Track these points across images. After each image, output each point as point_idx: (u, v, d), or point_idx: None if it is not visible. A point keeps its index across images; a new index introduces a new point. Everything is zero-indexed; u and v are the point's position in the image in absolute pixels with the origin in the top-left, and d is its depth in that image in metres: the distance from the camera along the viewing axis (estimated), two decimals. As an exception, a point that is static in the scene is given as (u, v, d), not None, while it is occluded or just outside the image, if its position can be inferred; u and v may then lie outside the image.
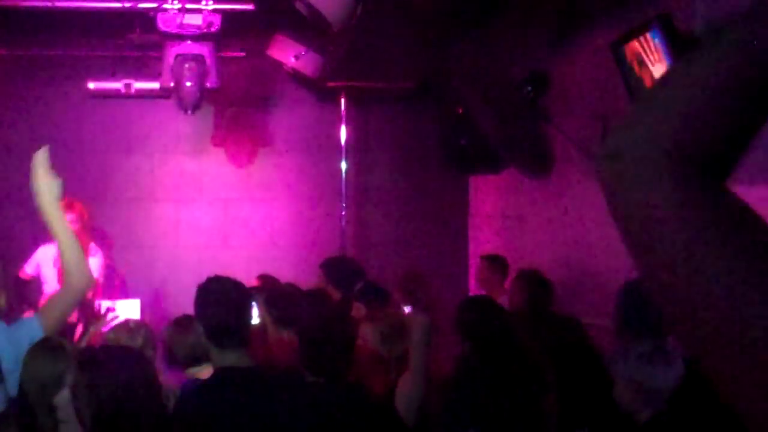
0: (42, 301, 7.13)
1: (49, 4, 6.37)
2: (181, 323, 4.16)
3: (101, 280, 7.38)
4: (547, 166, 7.10)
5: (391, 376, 3.82)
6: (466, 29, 6.87)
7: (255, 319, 4.18)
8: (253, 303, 4.10)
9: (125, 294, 7.86)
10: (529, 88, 6.61)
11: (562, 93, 6.65)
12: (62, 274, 6.75)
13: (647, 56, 5.01)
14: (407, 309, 4.41)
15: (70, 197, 7.20)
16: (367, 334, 3.97)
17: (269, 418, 3.09)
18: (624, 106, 5.52)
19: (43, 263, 7.26)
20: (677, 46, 4.74)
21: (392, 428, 3.51)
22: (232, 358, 3.16)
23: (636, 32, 5.08)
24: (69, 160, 8.29)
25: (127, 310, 7.26)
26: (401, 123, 8.79)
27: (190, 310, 4.79)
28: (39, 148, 3.37)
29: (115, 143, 8.41)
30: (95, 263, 7.31)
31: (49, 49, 7.95)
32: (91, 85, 7.93)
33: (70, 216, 7.02)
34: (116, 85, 7.91)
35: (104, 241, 7.67)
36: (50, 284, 7.18)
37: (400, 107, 8.71)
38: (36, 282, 7.33)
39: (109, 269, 7.66)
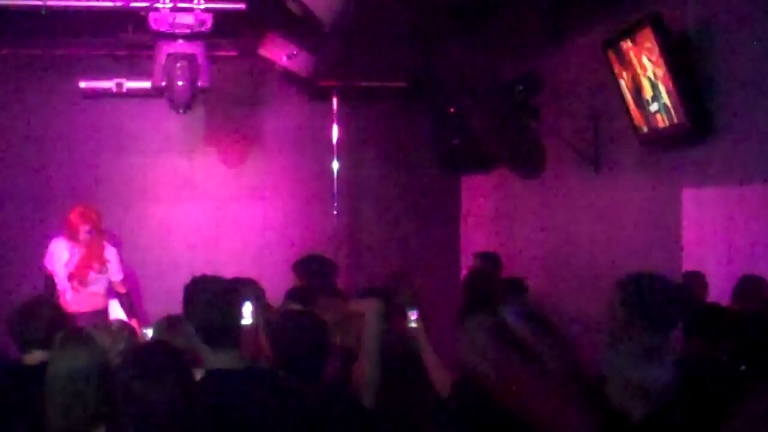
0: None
1: (41, 3, 6.35)
2: (171, 323, 4.13)
3: (122, 273, 7.38)
4: (539, 165, 7.12)
5: (337, 365, 3.83)
6: (457, 29, 6.88)
7: (248, 320, 4.16)
8: (247, 302, 4.09)
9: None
10: (521, 87, 6.62)
11: (554, 93, 6.67)
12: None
13: (638, 56, 5.03)
14: (413, 314, 4.36)
15: (83, 206, 7.22)
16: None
17: (259, 422, 3.09)
18: (616, 106, 5.54)
19: (56, 260, 7.22)
20: (669, 46, 4.76)
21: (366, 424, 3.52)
22: (224, 359, 3.17)
23: (627, 32, 5.10)
24: (60, 159, 8.28)
25: (119, 309, 7.29)
26: (393, 122, 8.80)
27: (181, 310, 4.78)
28: (32, 147, 3.36)
29: (106, 143, 8.39)
30: (113, 258, 7.31)
31: (40, 48, 7.92)
32: (83, 84, 7.91)
33: (85, 226, 7.08)
34: (108, 84, 7.90)
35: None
36: (61, 283, 7.18)
37: (392, 107, 8.71)
38: (50, 278, 7.28)
39: None
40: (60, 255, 7.18)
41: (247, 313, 4.12)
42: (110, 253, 7.27)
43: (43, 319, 3.77)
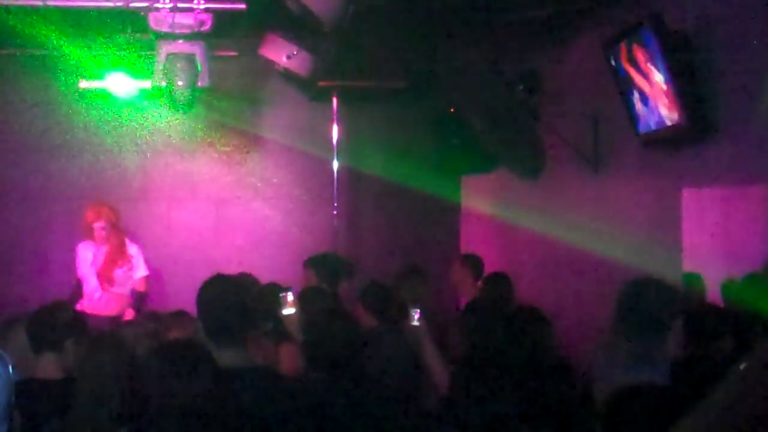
0: (85, 301, 7.09)
1: (41, 2, 6.35)
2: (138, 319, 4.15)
3: (147, 271, 7.37)
4: (539, 165, 7.12)
5: None
6: (457, 29, 6.87)
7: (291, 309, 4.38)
8: (289, 291, 4.29)
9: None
10: (521, 87, 6.62)
11: (554, 92, 6.67)
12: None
13: (638, 56, 5.03)
14: (416, 313, 4.38)
15: (97, 204, 7.25)
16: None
17: (260, 419, 3.10)
18: (616, 106, 5.54)
19: (83, 263, 7.21)
20: (669, 46, 4.76)
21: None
22: (230, 357, 3.19)
23: (627, 32, 5.10)
24: (60, 159, 8.28)
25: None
26: (393, 122, 8.79)
27: (182, 308, 4.79)
28: (32, 146, 3.35)
29: (106, 143, 8.39)
30: (137, 254, 7.30)
31: (40, 47, 7.92)
32: (83, 84, 7.91)
33: (99, 223, 7.11)
34: (108, 84, 7.90)
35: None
36: (89, 284, 7.16)
37: (392, 106, 8.71)
38: (79, 283, 7.30)
39: None
40: (85, 257, 7.21)
41: (290, 300, 4.45)
42: (133, 249, 7.31)
43: (58, 321, 3.62)
